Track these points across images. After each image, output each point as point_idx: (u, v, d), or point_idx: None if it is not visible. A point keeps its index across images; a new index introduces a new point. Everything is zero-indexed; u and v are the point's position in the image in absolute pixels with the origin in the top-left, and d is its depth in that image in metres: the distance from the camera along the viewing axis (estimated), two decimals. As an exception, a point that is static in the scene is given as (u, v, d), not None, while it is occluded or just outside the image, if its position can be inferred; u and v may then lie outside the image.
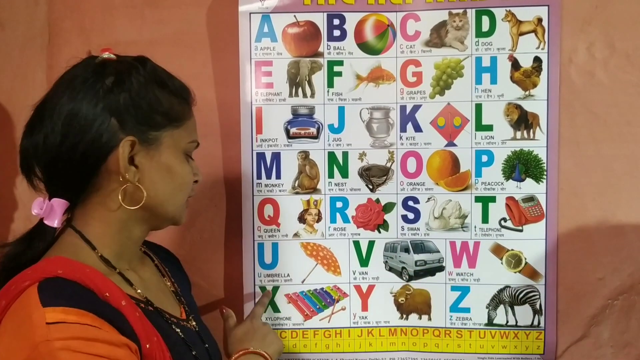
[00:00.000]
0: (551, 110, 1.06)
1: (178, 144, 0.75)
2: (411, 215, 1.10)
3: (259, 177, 1.10)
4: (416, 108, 1.08)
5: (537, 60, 1.06)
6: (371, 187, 1.10)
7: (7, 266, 0.71)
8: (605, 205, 1.07)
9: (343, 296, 1.11)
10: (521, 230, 1.07)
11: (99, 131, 0.69)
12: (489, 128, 1.07)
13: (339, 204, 1.10)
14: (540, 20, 1.05)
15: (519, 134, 1.07)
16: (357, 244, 1.11)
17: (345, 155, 1.09)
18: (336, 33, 1.08)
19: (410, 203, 1.10)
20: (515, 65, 1.06)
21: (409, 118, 1.08)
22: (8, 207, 1.03)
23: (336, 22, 1.07)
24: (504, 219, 1.08)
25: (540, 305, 1.08)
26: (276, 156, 1.10)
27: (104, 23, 1.10)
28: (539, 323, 1.08)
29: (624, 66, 1.05)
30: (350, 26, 1.08)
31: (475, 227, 1.08)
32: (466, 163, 1.08)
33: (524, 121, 1.06)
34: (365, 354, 1.11)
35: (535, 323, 1.08)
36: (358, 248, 1.11)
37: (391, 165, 1.09)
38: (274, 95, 1.09)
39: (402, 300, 1.10)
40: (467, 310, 1.09)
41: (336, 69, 1.08)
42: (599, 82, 1.06)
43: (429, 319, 1.10)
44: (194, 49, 1.10)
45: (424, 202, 1.09)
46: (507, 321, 1.08)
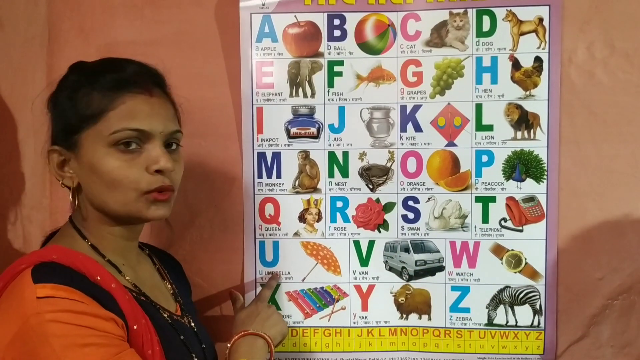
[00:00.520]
0: (552, 111, 1.06)
1: (99, 140, 0.74)
2: (411, 215, 1.10)
3: (259, 176, 1.10)
4: (416, 108, 1.08)
5: (538, 60, 1.05)
6: (371, 186, 1.10)
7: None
8: (605, 205, 1.06)
9: (343, 295, 1.11)
10: (521, 231, 1.07)
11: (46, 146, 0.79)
12: (490, 128, 1.07)
13: (339, 204, 1.10)
14: (541, 20, 1.05)
15: (519, 134, 1.07)
16: (357, 244, 1.11)
17: (346, 155, 1.09)
18: (337, 33, 1.08)
19: (411, 203, 1.10)
20: (516, 65, 1.06)
21: (409, 118, 1.08)
22: (8, 206, 1.03)
23: (336, 22, 1.07)
24: (504, 219, 1.08)
25: (540, 306, 1.08)
26: (277, 156, 1.10)
27: (104, 23, 1.10)
28: (539, 323, 1.08)
29: (624, 66, 1.05)
30: (350, 26, 1.07)
31: (475, 227, 1.08)
32: (466, 163, 1.08)
33: (524, 121, 1.06)
34: (365, 353, 1.11)
35: (535, 323, 1.08)
36: (358, 248, 1.11)
37: (391, 165, 1.09)
38: (274, 95, 1.09)
39: (402, 300, 1.11)
40: (467, 310, 1.09)
41: (336, 69, 1.08)
42: (599, 82, 1.05)
43: (429, 319, 1.10)
44: (194, 48, 1.10)
45: (424, 202, 1.09)
46: (507, 321, 1.09)
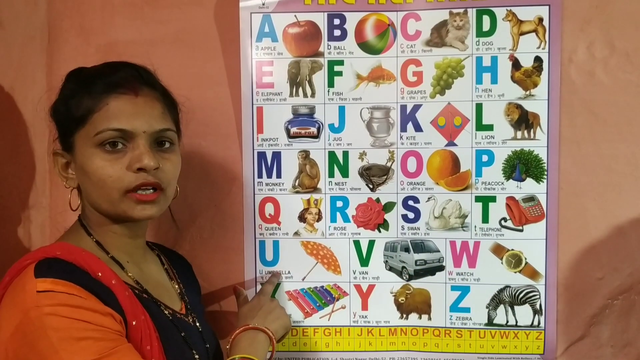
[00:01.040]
0: (552, 110, 1.06)
1: (87, 141, 0.77)
2: (411, 215, 1.10)
3: (259, 176, 1.10)
4: (416, 108, 1.08)
5: (538, 60, 1.05)
6: (371, 186, 1.10)
7: None
8: (605, 205, 1.06)
9: (343, 294, 1.11)
10: (521, 230, 1.07)
11: None
12: (490, 128, 1.07)
13: (339, 204, 1.10)
14: (541, 19, 1.05)
15: (519, 133, 1.07)
16: (357, 244, 1.11)
17: (346, 154, 1.09)
18: (337, 33, 1.08)
19: (411, 202, 1.10)
20: (516, 64, 1.06)
21: (409, 118, 1.08)
22: (8, 206, 1.03)
23: (337, 21, 1.07)
24: (504, 219, 1.08)
25: (540, 305, 1.08)
26: (277, 155, 1.10)
27: (104, 23, 1.10)
28: (539, 323, 1.08)
29: (624, 66, 1.05)
30: (350, 26, 1.07)
31: (475, 226, 1.08)
32: (466, 163, 1.08)
33: (524, 121, 1.06)
34: (365, 353, 1.11)
35: (535, 323, 1.08)
36: (358, 247, 1.11)
37: (391, 165, 1.09)
38: (274, 95, 1.09)
39: (402, 300, 1.11)
40: (467, 310, 1.09)
41: (336, 68, 1.08)
42: (599, 82, 1.05)
43: (429, 318, 1.10)
44: (194, 48, 1.10)
45: (424, 201, 1.09)
46: (507, 321, 1.09)
